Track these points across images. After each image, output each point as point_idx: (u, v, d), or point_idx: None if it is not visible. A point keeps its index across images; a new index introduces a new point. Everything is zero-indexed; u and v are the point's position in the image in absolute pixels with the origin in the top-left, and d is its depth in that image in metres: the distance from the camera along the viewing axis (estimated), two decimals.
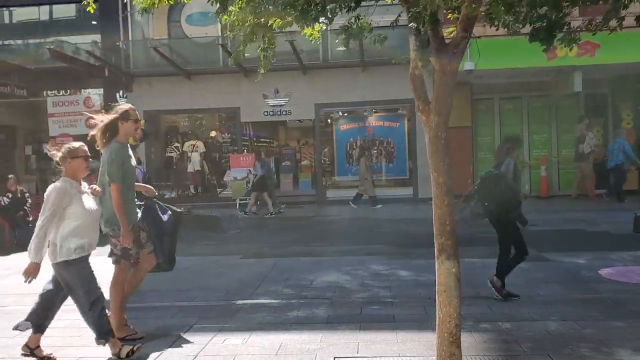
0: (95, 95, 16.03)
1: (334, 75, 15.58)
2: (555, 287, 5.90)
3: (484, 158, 15.44)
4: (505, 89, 15.34)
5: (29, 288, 4.20)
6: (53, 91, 16.28)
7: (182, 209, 5.52)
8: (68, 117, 15.35)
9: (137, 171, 7.72)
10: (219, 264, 7.98)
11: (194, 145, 17.25)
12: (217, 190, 17.23)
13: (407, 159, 16.65)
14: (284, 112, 16.00)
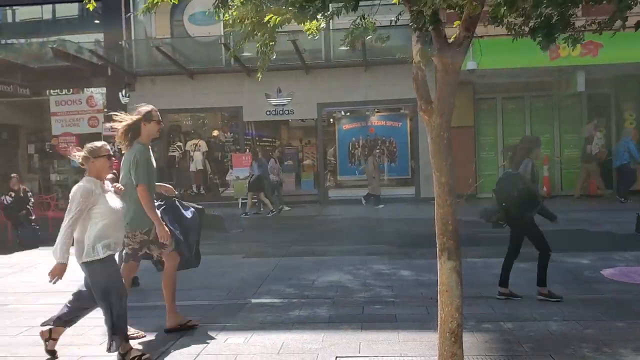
0: (98, 94, 16.09)
1: (336, 74, 15.57)
2: (558, 287, 5.88)
3: (486, 158, 15.45)
4: (507, 88, 15.32)
5: (30, 287, 4.22)
6: (56, 90, 16.35)
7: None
8: (71, 116, 15.43)
9: None
10: (221, 263, 7.97)
11: (196, 144, 17.27)
12: (219, 189, 17.25)
13: (409, 158, 16.67)
14: (287, 112, 16.00)
